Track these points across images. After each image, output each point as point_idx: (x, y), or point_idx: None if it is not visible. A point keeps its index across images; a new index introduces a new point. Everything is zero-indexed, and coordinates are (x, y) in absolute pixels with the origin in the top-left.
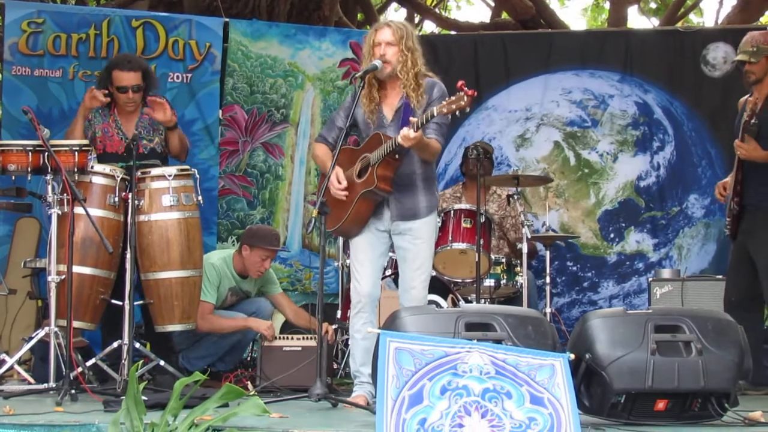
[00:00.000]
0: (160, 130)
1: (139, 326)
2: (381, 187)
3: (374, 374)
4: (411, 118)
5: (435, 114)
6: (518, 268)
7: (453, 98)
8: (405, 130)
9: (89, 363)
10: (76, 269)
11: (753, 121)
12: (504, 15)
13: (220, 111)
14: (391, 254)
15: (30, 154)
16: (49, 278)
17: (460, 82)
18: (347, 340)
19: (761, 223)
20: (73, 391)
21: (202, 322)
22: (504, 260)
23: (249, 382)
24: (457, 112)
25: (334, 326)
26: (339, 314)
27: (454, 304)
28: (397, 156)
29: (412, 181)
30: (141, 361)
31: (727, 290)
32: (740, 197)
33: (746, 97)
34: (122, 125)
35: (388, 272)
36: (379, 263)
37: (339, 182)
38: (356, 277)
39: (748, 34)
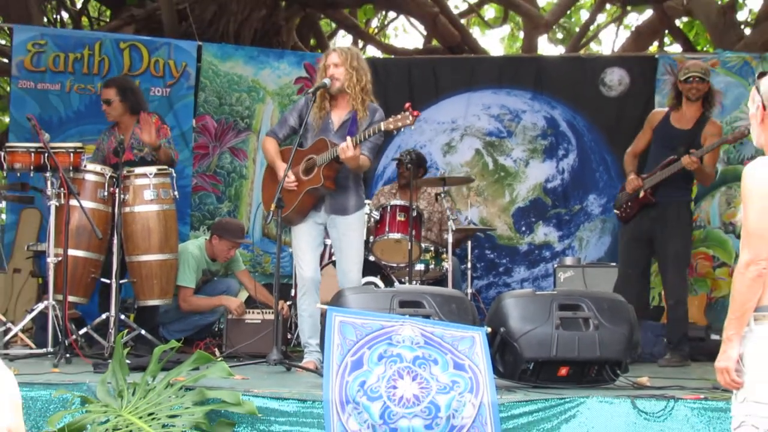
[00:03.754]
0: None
1: (124, 300)
2: (327, 185)
3: (322, 343)
4: (349, 138)
5: (382, 129)
6: (444, 255)
7: (399, 116)
8: (344, 145)
9: (82, 332)
10: (71, 252)
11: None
12: (434, 42)
13: (194, 120)
14: (328, 241)
15: (33, 154)
16: (48, 259)
17: (407, 104)
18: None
19: (672, 216)
20: (67, 355)
21: (185, 304)
22: (432, 248)
23: (216, 349)
24: (402, 129)
25: (288, 303)
26: (293, 292)
27: (390, 284)
28: (340, 161)
29: (346, 183)
30: (125, 331)
31: (624, 265)
32: (652, 190)
33: (662, 110)
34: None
35: (333, 257)
36: (318, 251)
37: (289, 177)
38: (300, 264)
39: (692, 62)
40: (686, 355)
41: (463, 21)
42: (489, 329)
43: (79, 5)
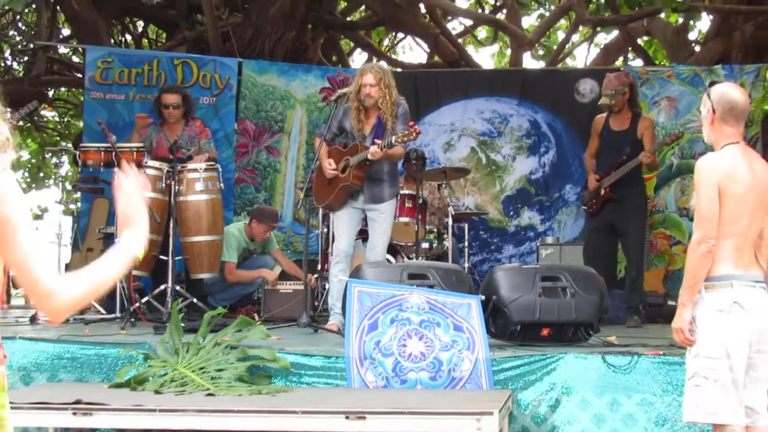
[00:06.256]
0: (196, 143)
1: (179, 274)
2: (354, 182)
3: (344, 309)
4: (376, 141)
5: (393, 142)
6: (445, 236)
7: (406, 132)
8: (373, 149)
9: (144, 300)
10: None
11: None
12: (436, 58)
13: (236, 124)
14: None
15: (102, 153)
16: (116, 240)
17: (410, 122)
18: (325, 285)
19: (629, 207)
20: (132, 320)
21: (230, 276)
22: (435, 230)
23: (256, 315)
24: (409, 143)
25: (315, 276)
26: (319, 267)
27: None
28: (368, 162)
29: (380, 176)
30: (180, 299)
31: (585, 249)
32: (611, 188)
33: (602, 115)
34: (169, 137)
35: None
36: (354, 230)
37: (330, 164)
38: (337, 239)
39: (605, 79)
40: (644, 317)
41: (460, 40)
42: (483, 297)
43: (140, 29)
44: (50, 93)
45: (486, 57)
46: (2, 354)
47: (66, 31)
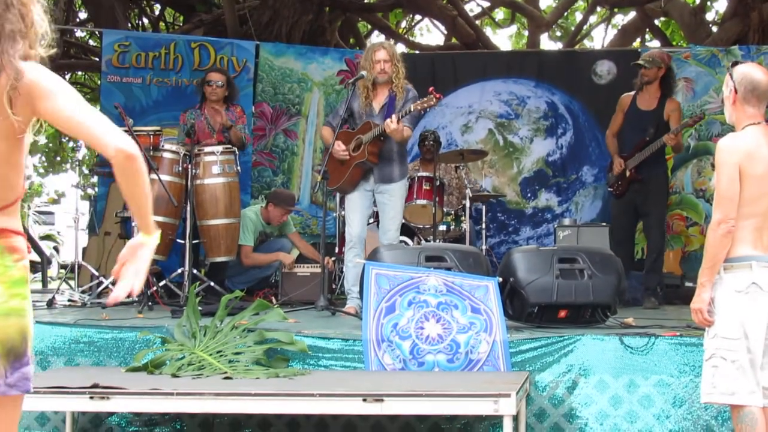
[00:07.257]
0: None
1: (197, 256)
2: (370, 159)
3: (361, 292)
4: (394, 114)
5: (412, 110)
6: (463, 218)
7: (425, 99)
8: (389, 120)
9: (161, 284)
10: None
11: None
12: (453, 40)
13: (253, 107)
14: (373, 208)
15: None
16: (133, 224)
17: (431, 88)
18: (342, 268)
19: (653, 189)
20: (150, 304)
21: (246, 259)
22: (453, 212)
23: (273, 298)
24: (428, 108)
25: (332, 258)
26: (336, 250)
27: (419, 243)
28: (382, 138)
29: (391, 156)
30: (197, 283)
31: (613, 231)
32: (636, 169)
33: (630, 93)
34: (210, 121)
35: (371, 220)
36: (366, 214)
37: (340, 146)
38: (350, 223)
39: (648, 51)
40: (661, 298)
41: (477, 22)
42: (500, 279)
43: (157, 12)
44: (67, 77)
45: (503, 39)
46: (26, 246)
47: (82, 15)
